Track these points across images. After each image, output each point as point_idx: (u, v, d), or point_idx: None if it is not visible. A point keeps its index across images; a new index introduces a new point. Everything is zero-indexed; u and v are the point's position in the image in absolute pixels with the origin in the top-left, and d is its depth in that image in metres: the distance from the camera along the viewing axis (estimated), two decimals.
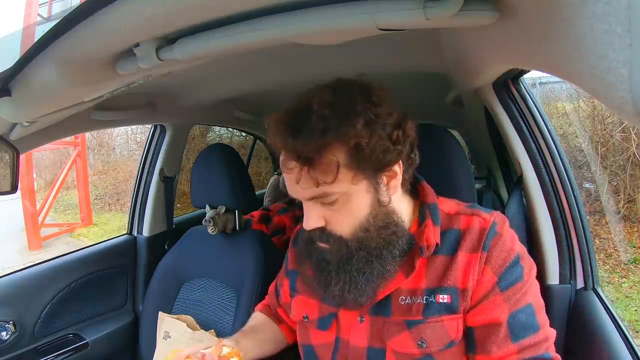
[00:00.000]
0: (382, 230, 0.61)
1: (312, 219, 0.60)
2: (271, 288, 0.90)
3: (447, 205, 0.68)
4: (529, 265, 0.62)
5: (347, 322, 0.67)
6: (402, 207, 0.65)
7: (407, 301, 0.63)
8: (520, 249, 0.62)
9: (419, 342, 0.60)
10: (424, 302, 0.61)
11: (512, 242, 0.62)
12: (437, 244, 0.62)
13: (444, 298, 0.61)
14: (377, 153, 0.56)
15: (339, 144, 0.55)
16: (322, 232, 0.61)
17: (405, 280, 0.63)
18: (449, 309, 0.61)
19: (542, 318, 0.60)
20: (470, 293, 0.60)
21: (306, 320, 0.73)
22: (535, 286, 0.62)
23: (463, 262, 0.61)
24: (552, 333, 0.60)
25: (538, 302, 0.61)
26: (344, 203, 0.58)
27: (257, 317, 0.89)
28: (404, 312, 0.62)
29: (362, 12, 0.43)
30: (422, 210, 0.66)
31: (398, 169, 0.61)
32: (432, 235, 0.63)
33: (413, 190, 0.70)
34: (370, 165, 0.57)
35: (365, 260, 0.60)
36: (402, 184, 0.64)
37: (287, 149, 0.56)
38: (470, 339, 0.61)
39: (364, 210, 0.59)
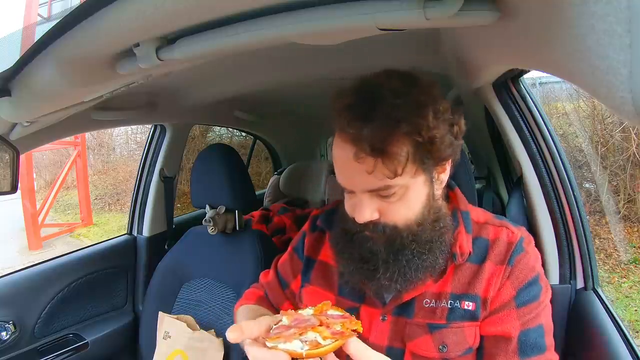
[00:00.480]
0: (435, 223, 0.61)
1: (368, 211, 0.58)
2: (270, 278, 0.84)
3: (476, 213, 0.68)
4: (546, 287, 0.62)
5: (368, 319, 0.66)
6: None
7: (431, 304, 0.63)
8: (541, 269, 0.63)
9: (440, 347, 0.61)
10: (448, 306, 0.62)
11: (535, 260, 0.63)
12: (469, 252, 0.63)
13: (469, 305, 0.61)
14: (443, 147, 0.56)
15: (410, 135, 0.54)
16: (375, 225, 0.59)
17: (434, 284, 0.63)
18: (472, 316, 0.61)
19: (550, 340, 0.61)
20: (489, 302, 0.61)
21: None
22: (549, 308, 0.63)
23: (488, 272, 0.62)
24: (555, 357, 0.61)
25: (549, 324, 0.62)
26: (401, 195, 0.57)
27: (259, 311, 0.78)
28: (427, 315, 0.62)
29: (362, 12, 0.43)
30: (455, 216, 0.66)
31: (447, 163, 0.61)
32: (466, 242, 0.63)
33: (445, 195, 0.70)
34: (433, 159, 0.57)
35: (417, 252, 0.59)
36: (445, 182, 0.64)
37: (360, 138, 0.53)
38: (479, 348, 0.62)
39: (420, 203, 0.59)
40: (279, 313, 0.79)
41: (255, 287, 0.88)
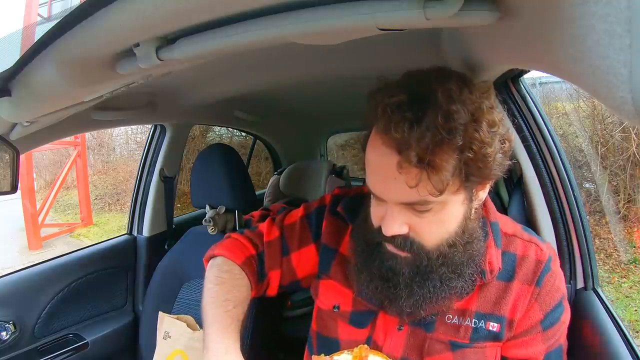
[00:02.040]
0: (467, 245, 0.56)
1: (397, 224, 0.52)
2: (273, 237, 0.74)
3: (503, 223, 0.65)
4: (567, 307, 0.62)
5: (383, 325, 0.64)
6: None
7: (454, 321, 0.60)
8: (565, 289, 0.62)
9: None
10: (473, 325, 0.59)
11: (560, 281, 0.61)
12: (499, 268, 0.60)
13: (494, 326, 0.59)
14: (494, 165, 0.51)
15: (462, 150, 0.48)
16: (403, 240, 0.54)
17: (458, 301, 0.60)
18: (496, 337, 0.59)
19: (565, 358, 0.62)
20: (515, 324, 0.59)
21: (336, 310, 0.67)
22: (566, 328, 0.62)
23: (516, 292, 0.59)
24: None
25: (565, 343, 0.62)
26: (436, 212, 0.52)
27: (238, 279, 0.70)
28: (449, 332, 0.60)
29: (362, 12, 0.43)
30: (484, 227, 0.61)
31: (482, 188, 0.56)
32: (495, 259, 0.60)
33: None
34: (479, 177, 0.51)
35: (446, 277, 0.55)
36: None
37: (407, 144, 0.46)
38: None
39: (455, 222, 0.54)
40: (262, 283, 0.73)
41: (249, 240, 0.76)
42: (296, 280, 0.75)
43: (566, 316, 0.62)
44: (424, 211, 0.52)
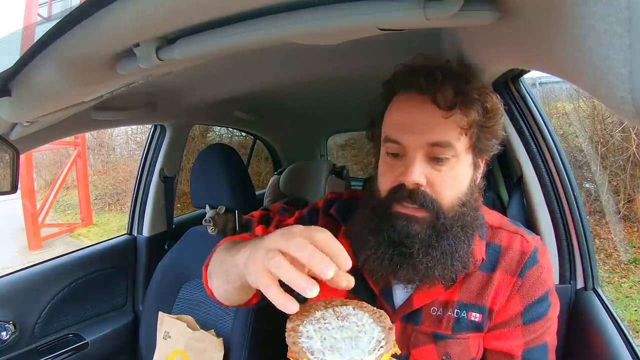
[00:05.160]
0: (474, 211, 0.60)
1: (417, 172, 0.55)
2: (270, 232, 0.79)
3: (490, 216, 0.66)
4: (555, 302, 0.61)
5: None
6: None
7: (438, 312, 0.61)
8: (552, 283, 0.61)
9: (443, 357, 0.60)
10: (455, 315, 0.60)
11: (547, 274, 0.61)
12: (482, 259, 0.61)
13: (476, 316, 0.60)
14: (495, 141, 0.59)
15: (477, 109, 0.56)
16: (423, 196, 0.56)
17: (443, 292, 0.61)
18: (478, 327, 0.60)
19: (552, 358, 0.60)
20: (495, 314, 0.59)
21: None
22: (555, 325, 0.61)
23: (498, 282, 0.60)
24: None
25: (553, 342, 0.61)
26: (451, 168, 0.56)
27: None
28: (433, 324, 0.61)
29: (362, 12, 0.43)
30: None
31: (483, 160, 0.62)
32: (479, 249, 0.61)
33: None
34: (484, 141, 0.58)
35: (460, 236, 0.57)
36: None
37: (441, 87, 0.55)
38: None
39: (466, 182, 0.58)
40: None
41: (248, 235, 0.81)
42: None
43: (553, 312, 0.60)
44: (440, 162, 0.56)
